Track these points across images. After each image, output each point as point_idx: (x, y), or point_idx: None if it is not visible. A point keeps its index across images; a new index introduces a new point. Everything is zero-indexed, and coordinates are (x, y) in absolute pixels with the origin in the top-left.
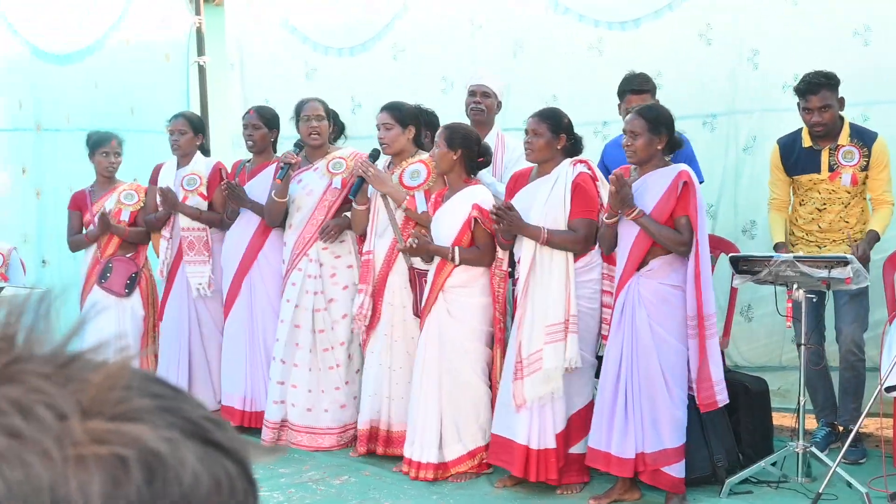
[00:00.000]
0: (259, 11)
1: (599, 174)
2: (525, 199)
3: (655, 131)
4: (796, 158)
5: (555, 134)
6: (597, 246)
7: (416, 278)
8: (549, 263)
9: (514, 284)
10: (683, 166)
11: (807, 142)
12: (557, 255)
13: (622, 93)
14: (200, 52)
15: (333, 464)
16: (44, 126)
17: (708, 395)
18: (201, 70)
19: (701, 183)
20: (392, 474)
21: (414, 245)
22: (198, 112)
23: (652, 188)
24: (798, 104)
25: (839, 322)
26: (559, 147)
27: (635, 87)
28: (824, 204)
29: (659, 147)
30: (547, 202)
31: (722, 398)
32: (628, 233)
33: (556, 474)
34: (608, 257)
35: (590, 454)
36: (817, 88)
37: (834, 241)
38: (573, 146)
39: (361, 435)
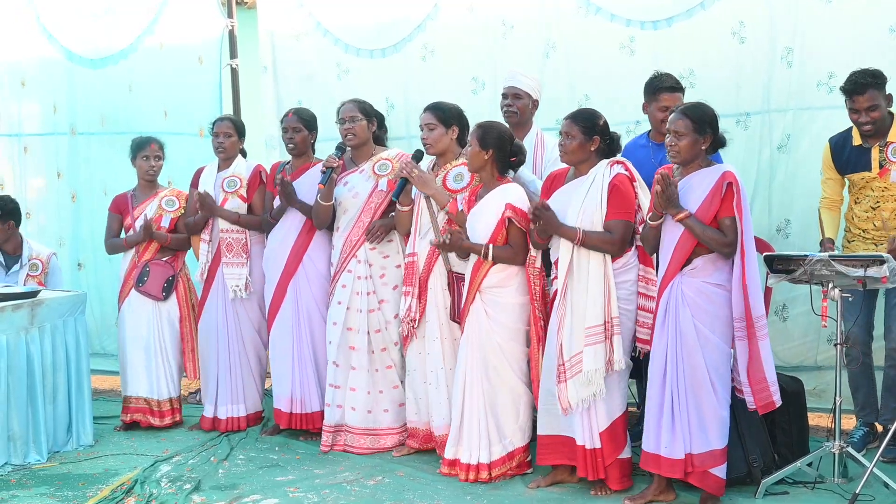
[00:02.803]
0: (291, 14)
1: (637, 175)
2: (561, 200)
3: (700, 131)
4: (847, 157)
5: (588, 136)
6: (633, 247)
7: (454, 282)
8: (587, 265)
9: (550, 285)
10: (728, 167)
11: (857, 140)
12: (595, 256)
13: (655, 90)
14: (233, 55)
15: (368, 464)
16: (78, 130)
17: (764, 397)
18: (234, 73)
19: None
20: (426, 475)
21: (447, 241)
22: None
23: (696, 189)
24: (845, 103)
25: (889, 320)
26: (593, 149)
27: (670, 84)
28: (878, 202)
29: (703, 147)
30: (583, 203)
31: (777, 399)
32: (672, 233)
33: (604, 473)
34: (644, 259)
35: (643, 458)
36: (864, 88)
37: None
38: (609, 147)
39: (443, 440)
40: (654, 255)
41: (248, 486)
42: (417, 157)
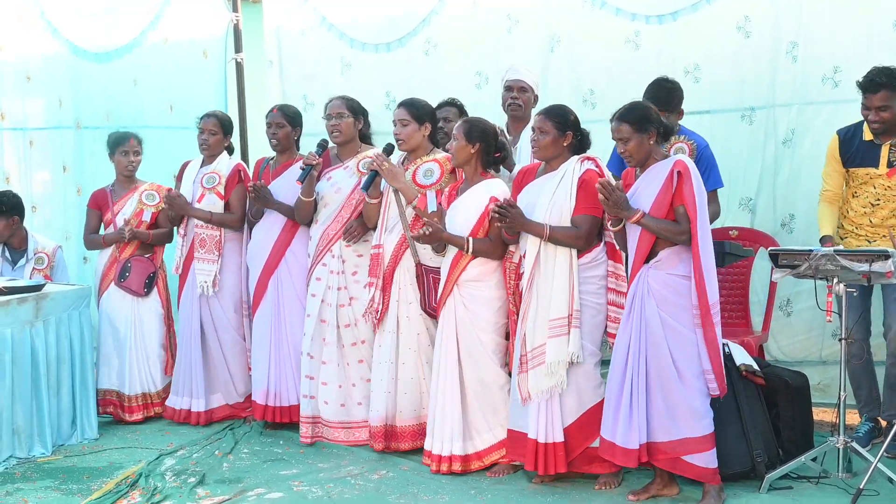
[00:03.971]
0: (297, 9)
1: (606, 171)
2: (531, 195)
3: (642, 130)
4: (855, 150)
5: (561, 131)
6: (602, 243)
7: (423, 274)
8: (553, 259)
9: (519, 279)
10: (679, 157)
11: (867, 135)
12: (561, 250)
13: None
14: (238, 49)
15: (372, 458)
16: (84, 124)
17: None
18: (239, 67)
19: (720, 188)
20: (430, 469)
21: (426, 233)
22: (236, 109)
23: (651, 182)
24: (861, 97)
25: (888, 318)
26: (565, 144)
27: (649, 100)
28: (878, 199)
29: (651, 143)
30: (553, 198)
31: (713, 387)
32: (633, 229)
33: (564, 468)
34: (613, 254)
35: (601, 444)
36: (878, 88)
37: (884, 236)
38: (580, 143)
39: (377, 432)
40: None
41: (252, 479)
42: (388, 150)
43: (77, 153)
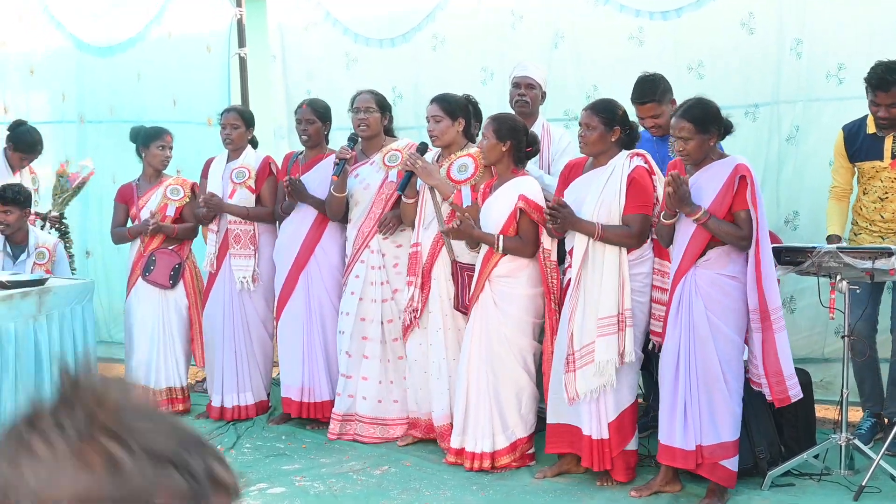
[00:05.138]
0: (300, 3)
1: (656, 167)
2: (579, 190)
3: (705, 131)
4: (860, 145)
5: (608, 126)
6: (649, 240)
7: (458, 272)
8: (602, 256)
9: (563, 273)
10: (740, 159)
11: (871, 128)
12: (610, 247)
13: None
14: (241, 43)
15: (374, 454)
16: (87, 118)
17: (781, 390)
18: (242, 62)
19: None
20: (432, 465)
21: (457, 227)
22: (240, 104)
23: (709, 183)
24: (866, 92)
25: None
26: (613, 139)
27: (635, 98)
28: (886, 193)
29: (711, 143)
30: (601, 194)
31: (795, 393)
32: (686, 226)
33: (610, 464)
34: (659, 251)
35: (660, 450)
36: (888, 86)
37: None
38: (629, 137)
39: (444, 430)
40: (669, 247)
41: (254, 474)
42: (422, 149)
43: (80, 147)
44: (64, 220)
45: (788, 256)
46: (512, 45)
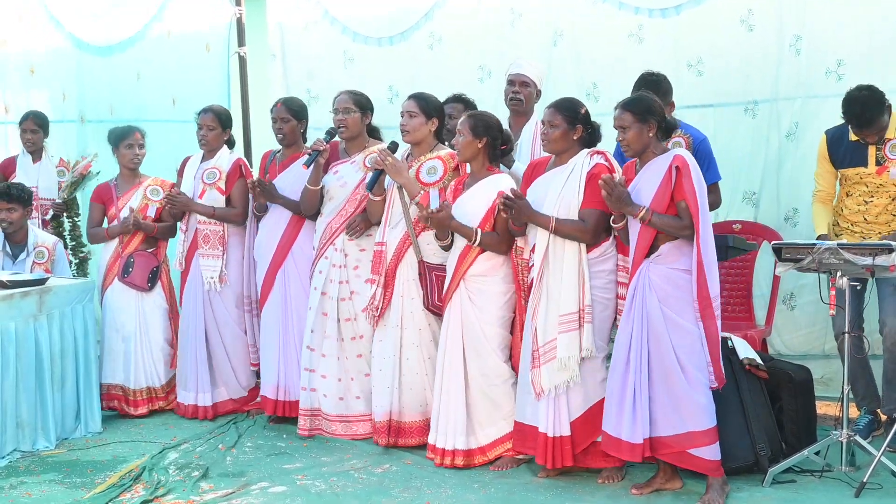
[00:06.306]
0: (300, 3)
1: (616, 165)
2: (540, 188)
3: (643, 121)
4: (844, 151)
5: (571, 125)
6: (611, 237)
7: (426, 272)
8: (562, 253)
9: (528, 272)
10: (678, 151)
11: (854, 135)
12: (570, 245)
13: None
14: (241, 43)
15: (375, 452)
16: (87, 118)
17: (721, 376)
18: (242, 61)
19: (719, 181)
20: (433, 464)
21: (435, 212)
22: (239, 103)
23: (651, 177)
24: (849, 127)
25: (883, 314)
26: (575, 138)
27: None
28: (871, 196)
29: (650, 135)
30: (561, 192)
31: (711, 379)
32: (634, 223)
33: (571, 461)
34: (623, 248)
35: (604, 439)
36: (870, 123)
37: (879, 232)
38: (590, 136)
39: (381, 427)
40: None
41: (255, 473)
42: (392, 147)
43: (81, 147)
44: (76, 218)
45: (788, 253)
46: (511, 43)
